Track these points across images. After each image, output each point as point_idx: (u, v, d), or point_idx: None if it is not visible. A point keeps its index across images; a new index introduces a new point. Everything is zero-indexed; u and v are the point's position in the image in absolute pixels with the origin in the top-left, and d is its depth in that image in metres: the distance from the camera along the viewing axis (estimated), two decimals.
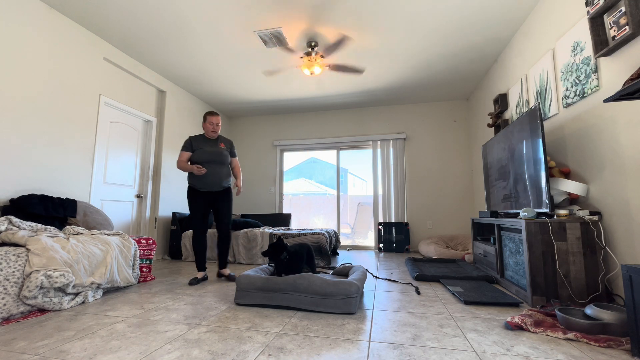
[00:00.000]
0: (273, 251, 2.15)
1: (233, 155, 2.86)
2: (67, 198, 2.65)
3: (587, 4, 1.95)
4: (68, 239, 2.09)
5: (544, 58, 2.57)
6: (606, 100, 1.60)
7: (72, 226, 2.39)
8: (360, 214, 5.49)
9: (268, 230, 3.88)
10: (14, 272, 1.71)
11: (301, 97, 4.86)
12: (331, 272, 2.72)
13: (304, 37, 3.19)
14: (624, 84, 1.58)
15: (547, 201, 2.04)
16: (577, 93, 2.17)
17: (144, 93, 3.86)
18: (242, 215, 5.18)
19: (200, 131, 4.95)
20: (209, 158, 2.63)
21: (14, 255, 1.75)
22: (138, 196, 3.78)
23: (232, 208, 2.79)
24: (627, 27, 1.67)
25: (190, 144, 2.67)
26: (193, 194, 2.64)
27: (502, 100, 3.41)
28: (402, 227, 4.70)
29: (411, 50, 3.47)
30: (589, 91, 2.04)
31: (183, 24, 2.98)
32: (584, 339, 1.37)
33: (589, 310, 1.54)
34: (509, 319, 1.60)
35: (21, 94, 2.48)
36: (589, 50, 2.05)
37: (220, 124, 2.73)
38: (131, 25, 2.98)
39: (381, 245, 4.72)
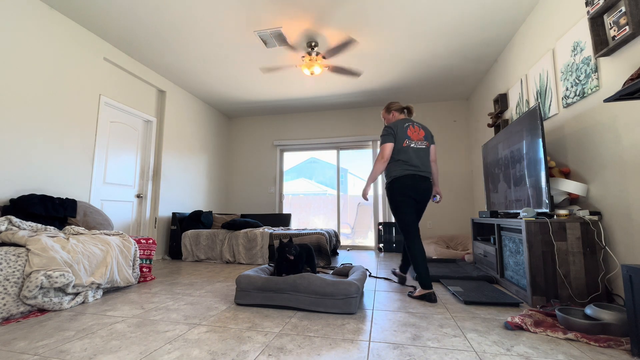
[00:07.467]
0: (282, 249, 2.17)
1: None
2: (67, 198, 2.65)
3: (587, 4, 1.95)
4: (68, 239, 2.09)
5: (544, 58, 2.57)
6: (606, 100, 1.60)
7: (72, 226, 2.39)
8: (360, 214, 5.49)
9: (268, 230, 3.88)
10: (14, 272, 1.71)
11: (301, 97, 4.85)
12: (331, 272, 2.72)
13: (304, 36, 3.19)
14: (624, 84, 1.58)
15: (547, 201, 2.04)
16: (577, 93, 2.17)
17: (144, 93, 3.86)
18: (242, 215, 5.18)
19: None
20: None
21: (14, 255, 1.75)
22: (138, 196, 3.78)
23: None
24: (627, 27, 1.67)
25: None
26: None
27: (502, 100, 3.41)
28: None
29: (411, 50, 3.47)
30: (589, 91, 2.04)
31: (183, 24, 2.98)
32: (584, 339, 1.37)
33: (589, 310, 1.54)
34: (509, 319, 1.60)
35: (21, 93, 2.48)
36: (589, 50, 2.05)
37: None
38: (131, 25, 2.98)
39: (381, 245, 4.72)
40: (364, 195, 2.31)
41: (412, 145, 2.24)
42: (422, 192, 2.20)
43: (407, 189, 2.16)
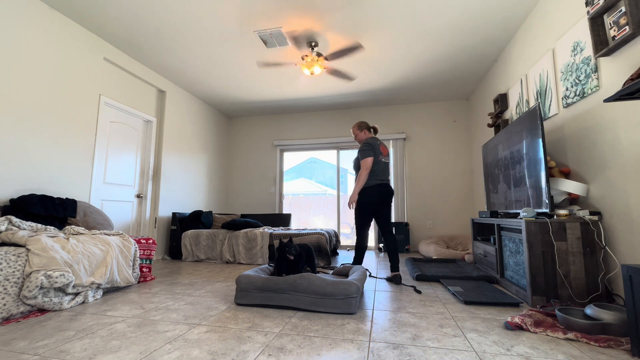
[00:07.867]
0: (282, 249, 2.16)
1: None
2: (67, 198, 2.65)
3: (587, 4, 1.95)
4: (68, 239, 2.09)
5: (544, 58, 2.57)
6: (606, 100, 1.60)
7: (72, 226, 2.39)
8: None
9: (268, 230, 3.88)
10: (14, 272, 1.71)
11: (301, 97, 4.85)
12: (331, 272, 2.72)
13: (304, 37, 3.19)
14: (624, 84, 1.58)
15: (547, 201, 2.04)
16: (577, 93, 2.17)
17: (144, 93, 3.86)
18: (242, 215, 5.18)
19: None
20: None
21: (14, 255, 1.75)
22: (138, 196, 3.78)
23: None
24: (627, 27, 1.67)
25: None
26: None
27: (502, 100, 3.41)
28: (402, 227, 4.70)
29: (411, 50, 3.47)
30: (589, 91, 2.04)
31: (183, 24, 2.98)
32: (584, 339, 1.37)
33: (589, 310, 1.54)
34: (509, 319, 1.60)
35: (21, 93, 2.48)
36: (589, 50, 2.05)
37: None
38: (131, 25, 2.98)
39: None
40: (352, 204, 2.67)
41: (382, 159, 2.73)
42: (388, 196, 2.69)
43: (377, 197, 2.64)
